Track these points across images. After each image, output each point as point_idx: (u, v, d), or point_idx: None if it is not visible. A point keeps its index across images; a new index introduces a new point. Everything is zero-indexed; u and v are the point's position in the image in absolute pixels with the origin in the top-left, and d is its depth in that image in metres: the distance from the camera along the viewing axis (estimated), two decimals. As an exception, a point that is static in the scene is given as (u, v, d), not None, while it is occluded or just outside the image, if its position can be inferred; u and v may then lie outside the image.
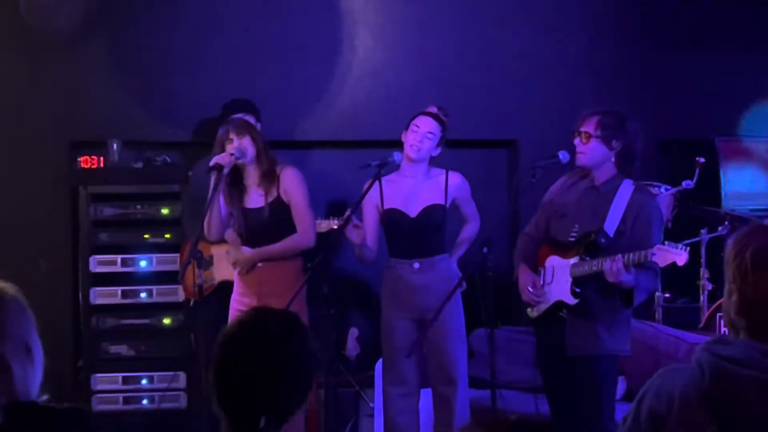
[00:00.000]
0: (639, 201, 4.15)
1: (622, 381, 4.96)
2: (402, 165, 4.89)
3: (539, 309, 4.32)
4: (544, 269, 4.32)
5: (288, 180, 4.81)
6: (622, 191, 4.16)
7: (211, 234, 4.78)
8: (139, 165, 5.81)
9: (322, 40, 6.35)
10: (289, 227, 4.81)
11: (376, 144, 5.94)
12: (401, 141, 4.91)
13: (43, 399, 2.26)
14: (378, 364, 5.20)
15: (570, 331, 4.19)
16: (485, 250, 4.24)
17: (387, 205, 4.91)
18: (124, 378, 5.64)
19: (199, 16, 6.25)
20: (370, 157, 4.79)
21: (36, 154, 6.07)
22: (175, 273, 5.38)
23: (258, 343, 2.19)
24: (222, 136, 4.76)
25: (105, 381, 5.64)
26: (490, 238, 4.28)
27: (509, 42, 6.49)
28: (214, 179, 4.63)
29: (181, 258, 5.58)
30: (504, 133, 6.59)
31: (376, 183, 4.79)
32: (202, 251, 4.51)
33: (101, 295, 5.65)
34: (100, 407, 5.56)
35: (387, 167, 4.76)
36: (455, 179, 4.93)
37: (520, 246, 4.49)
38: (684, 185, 5.63)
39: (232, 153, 4.68)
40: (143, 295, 5.68)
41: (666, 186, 5.68)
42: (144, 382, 5.65)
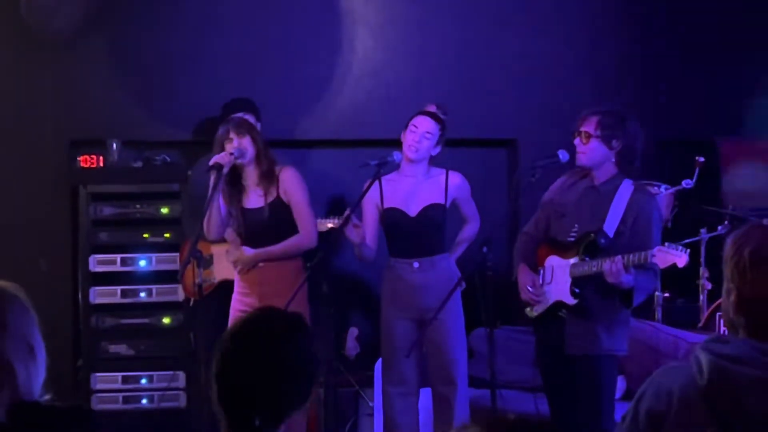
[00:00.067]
0: (639, 201, 4.15)
1: (621, 380, 4.96)
2: (402, 164, 4.89)
3: (538, 309, 4.32)
4: (543, 269, 4.32)
5: (288, 180, 4.80)
6: (621, 191, 4.16)
7: (211, 233, 4.78)
8: (139, 164, 5.80)
9: (322, 39, 6.35)
10: (289, 227, 4.80)
11: (375, 143, 5.93)
12: (401, 140, 4.91)
13: (46, 398, 2.26)
14: (377, 363, 5.20)
15: (569, 331, 4.19)
16: (485, 249, 4.23)
17: (387, 205, 4.91)
18: (123, 377, 5.64)
19: (199, 15, 6.24)
20: (369, 157, 4.79)
21: (36, 153, 6.06)
22: (175, 272, 5.37)
23: (260, 343, 2.19)
24: (222, 135, 4.75)
25: (104, 380, 5.63)
26: (489, 237, 4.27)
27: (509, 42, 6.48)
28: (213, 178, 4.63)
29: (181, 257, 5.58)
30: (503, 133, 6.58)
31: (376, 182, 4.79)
32: (201, 250, 4.51)
33: (101, 295, 5.65)
34: (99, 406, 5.55)
35: (386, 166, 4.75)
36: (455, 179, 4.93)
37: (519, 245, 4.49)
38: (683, 185, 5.63)
39: (231, 152, 4.67)
40: (143, 295, 5.68)
41: (665, 185, 5.68)
42: (143, 381, 5.64)
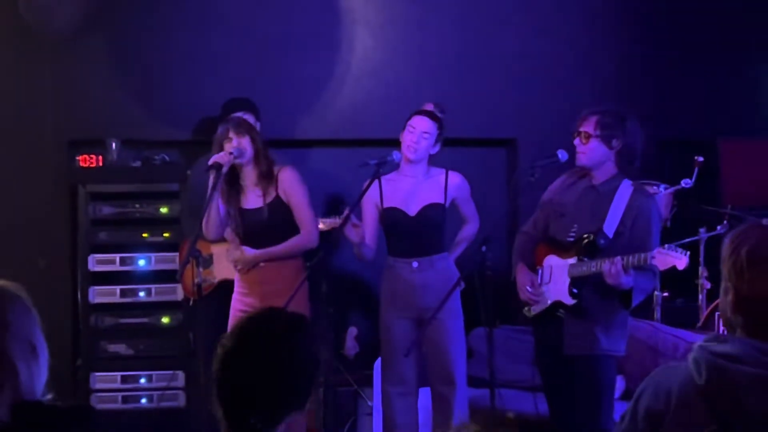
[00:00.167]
0: (638, 202, 4.14)
1: (620, 380, 4.97)
2: (401, 164, 4.88)
3: (536, 309, 4.31)
4: (542, 268, 4.32)
5: (287, 180, 4.79)
6: (621, 191, 4.15)
7: (210, 233, 4.77)
8: (138, 164, 5.80)
9: (321, 39, 6.35)
10: (288, 227, 4.80)
11: (375, 143, 5.92)
12: (400, 140, 4.90)
13: (48, 398, 2.26)
14: (377, 363, 5.20)
15: (568, 331, 4.18)
16: (484, 249, 4.23)
17: (386, 204, 4.91)
18: (122, 377, 5.64)
19: (199, 15, 6.24)
20: (369, 156, 4.78)
21: (35, 152, 6.06)
22: (174, 272, 5.36)
23: (261, 343, 2.19)
24: (221, 134, 4.74)
25: (104, 380, 5.63)
26: (489, 237, 4.27)
27: (509, 42, 6.48)
28: (212, 178, 4.62)
29: (180, 257, 5.58)
30: (503, 133, 6.58)
31: (375, 182, 4.79)
32: (200, 250, 4.50)
33: (100, 294, 5.65)
34: (98, 406, 5.53)
35: (386, 166, 4.75)
36: (455, 179, 4.93)
37: (517, 245, 4.49)
38: (682, 184, 5.63)
39: (230, 152, 4.67)
40: (142, 294, 5.68)
41: (664, 185, 5.67)
42: (143, 381, 5.65)
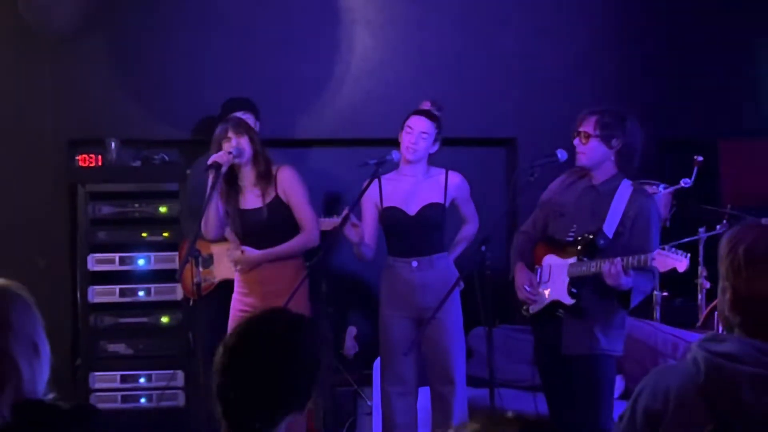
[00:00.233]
0: (638, 202, 4.13)
1: (620, 379, 4.97)
2: (401, 164, 4.89)
3: (534, 308, 4.31)
4: (540, 268, 4.31)
5: (286, 180, 4.79)
6: (621, 192, 4.15)
7: (209, 233, 4.76)
8: (138, 163, 5.80)
9: (321, 39, 6.35)
10: (288, 227, 4.79)
11: (374, 143, 5.93)
12: (399, 140, 4.90)
13: (50, 397, 2.25)
14: (376, 362, 5.20)
15: (566, 331, 4.18)
16: (483, 248, 4.23)
17: (386, 203, 4.91)
18: (122, 376, 5.63)
19: (198, 14, 6.24)
20: (368, 156, 4.78)
21: (34, 152, 6.06)
22: (173, 271, 5.37)
23: (263, 344, 2.18)
24: (219, 134, 4.74)
25: (103, 379, 5.63)
26: (488, 236, 4.26)
27: (509, 42, 6.48)
28: (211, 177, 4.62)
29: (180, 256, 5.58)
30: (503, 132, 6.58)
31: (375, 181, 4.78)
32: (200, 250, 4.50)
33: (99, 294, 5.65)
34: (98, 405, 5.54)
35: (385, 166, 4.74)
36: (455, 179, 4.92)
37: (516, 244, 4.48)
38: (682, 184, 5.63)
39: (230, 151, 4.66)
40: (141, 294, 5.67)
41: (664, 185, 5.67)
42: (142, 380, 5.64)
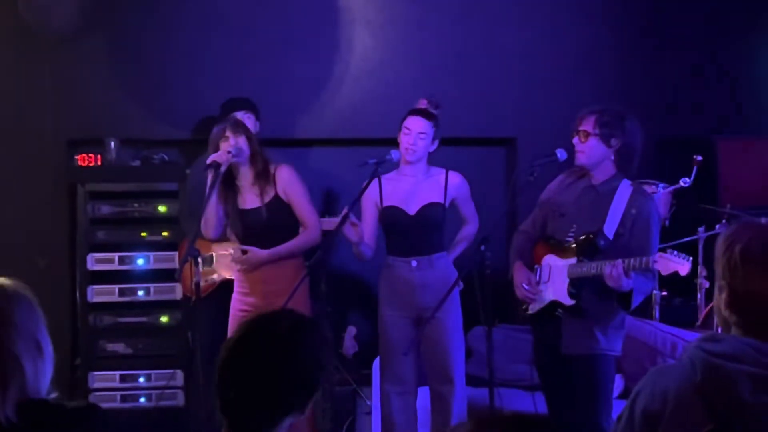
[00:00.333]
0: (637, 203, 4.12)
1: (619, 379, 4.96)
2: (401, 164, 4.89)
3: (533, 307, 4.31)
4: (540, 267, 4.31)
5: (286, 179, 4.79)
6: (620, 192, 4.14)
7: (209, 232, 4.77)
8: (137, 163, 5.80)
9: (321, 39, 6.35)
10: (287, 226, 4.80)
11: (374, 142, 5.93)
12: (398, 141, 4.90)
13: (53, 397, 2.25)
14: (375, 362, 5.20)
15: (566, 331, 4.18)
16: (483, 248, 4.22)
17: (386, 203, 4.91)
18: (121, 376, 5.64)
19: (198, 14, 6.24)
20: (368, 155, 4.78)
21: (34, 152, 6.06)
22: (173, 271, 5.37)
23: (263, 343, 2.19)
24: (217, 134, 4.74)
25: (102, 379, 5.63)
26: (488, 236, 4.26)
27: (509, 42, 6.48)
28: (211, 177, 4.62)
29: (180, 256, 5.58)
30: (502, 132, 6.58)
31: (375, 180, 4.79)
32: (199, 249, 4.50)
33: (99, 293, 5.65)
34: (99, 405, 5.55)
35: (385, 165, 4.74)
36: (455, 179, 4.92)
37: (515, 243, 4.48)
38: (681, 183, 5.62)
39: (229, 151, 4.67)
40: (141, 293, 5.67)
41: (663, 184, 5.67)
42: (141, 380, 5.65)
